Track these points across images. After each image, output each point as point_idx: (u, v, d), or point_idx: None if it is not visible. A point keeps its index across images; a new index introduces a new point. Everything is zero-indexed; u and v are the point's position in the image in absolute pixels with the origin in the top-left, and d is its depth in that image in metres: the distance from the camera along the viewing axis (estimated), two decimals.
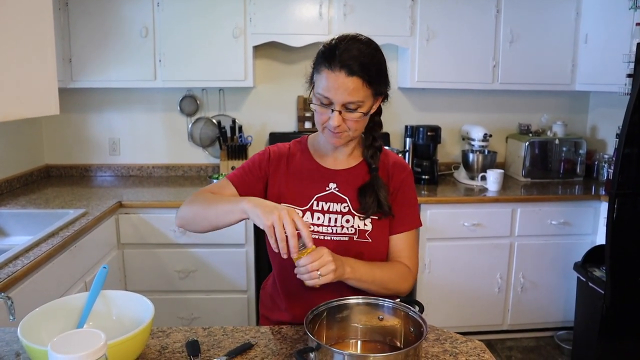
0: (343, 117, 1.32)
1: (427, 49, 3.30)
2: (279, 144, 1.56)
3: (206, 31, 3.14)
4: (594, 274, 2.78)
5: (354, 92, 1.29)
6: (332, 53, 1.30)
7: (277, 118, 3.67)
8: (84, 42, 3.11)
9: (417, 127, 3.49)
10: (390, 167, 1.50)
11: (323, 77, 1.31)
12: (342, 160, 1.49)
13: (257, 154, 1.55)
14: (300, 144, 1.55)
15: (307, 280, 1.22)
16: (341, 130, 1.35)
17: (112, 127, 3.61)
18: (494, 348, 3.25)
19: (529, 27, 3.35)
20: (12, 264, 1.89)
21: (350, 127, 1.35)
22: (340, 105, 1.31)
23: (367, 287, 1.36)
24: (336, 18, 3.18)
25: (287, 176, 1.48)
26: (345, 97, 1.29)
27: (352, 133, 1.37)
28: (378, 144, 1.47)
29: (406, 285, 1.44)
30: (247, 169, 1.51)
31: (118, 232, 2.92)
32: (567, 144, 3.56)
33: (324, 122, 1.36)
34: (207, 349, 1.25)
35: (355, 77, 1.28)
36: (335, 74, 1.28)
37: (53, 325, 1.19)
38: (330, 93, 1.30)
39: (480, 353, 1.25)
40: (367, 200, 1.41)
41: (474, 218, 3.12)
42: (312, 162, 1.50)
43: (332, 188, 1.46)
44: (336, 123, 1.32)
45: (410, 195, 1.50)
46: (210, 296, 3.03)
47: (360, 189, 1.44)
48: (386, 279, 1.39)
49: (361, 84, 1.29)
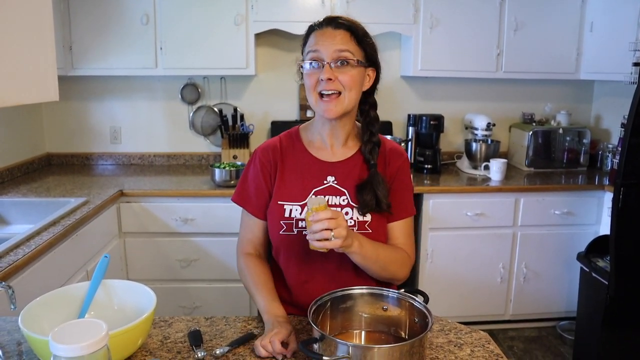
0: (334, 72, 1.31)
1: (431, 37, 3.27)
2: (268, 141, 1.51)
3: (207, 18, 3.11)
4: (597, 264, 2.77)
5: (343, 42, 1.32)
6: (319, 21, 1.38)
7: (279, 106, 3.65)
8: (85, 30, 3.08)
9: (420, 116, 3.47)
10: (387, 153, 1.47)
11: (311, 39, 1.36)
12: (337, 150, 1.46)
13: (250, 165, 1.50)
14: (291, 137, 1.50)
15: (317, 239, 1.17)
16: (334, 87, 1.32)
17: (114, 115, 3.59)
18: (496, 338, 3.25)
19: (534, 15, 3.31)
20: (13, 252, 1.88)
21: (344, 85, 1.32)
22: (330, 56, 1.31)
23: (369, 266, 1.35)
24: (339, 5, 3.14)
25: (283, 174, 1.45)
26: (334, 45, 1.31)
27: (346, 94, 1.34)
28: (376, 139, 1.44)
29: (404, 271, 1.44)
30: (254, 189, 1.47)
31: (119, 221, 2.91)
32: (570, 134, 3.53)
33: (314, 83, 1.34)
34: (209, 339, 1.24)
35: (341, 30, 1.34)
36: (323, 30, 1.35)
37: (54, 314, 1.19)
38: (318, 45, 1.33)
39: (485, 344, 1.24)
40: (365, 198, 1.38)
41: (477, 208, 3.10)
42: (308, 156, 1.46)
43: (330, 181, 1.43)
44: (327, 75, 1.30)
45: (407, 182, 1.49)
46: (212, 285, 3.02)
47: (359, 187, 1.41)
48: (387, 261, 1.38)
49: (349, 37, 1.34)
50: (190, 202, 2.91)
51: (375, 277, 1.41)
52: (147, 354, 1.17)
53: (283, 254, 1.45)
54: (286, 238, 1.41)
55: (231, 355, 1.17)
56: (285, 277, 1.47)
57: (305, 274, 1.42)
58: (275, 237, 1.43)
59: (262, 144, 1.52)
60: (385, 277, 1.41)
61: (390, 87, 3.61)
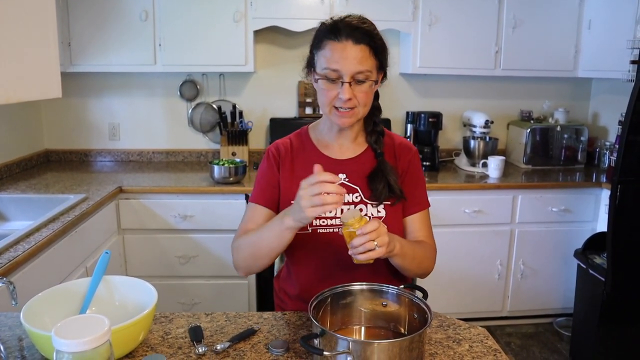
0: (352, 90, 1.29)
1: (430, 35, 3.27)
2: (278, 141, 1.51)
3: (206, 15, 3.11)
4: (594, 261, 2.79)
5: (363, 61, 1.28)
6: (335, 26, 1.30)
7: (278, 103, 3.65)
8: (84, 26, 3.07)
9: (419, 113, 3.47)
10: (396, 148, 1.48)
11: (327, 50, 1.30)
12: (347, 147, 1.46)
13: (263, 162, 1.50)
14: (301, 137, 1.50)
15: (361, 252, 1.14)
16: (352, 104, 1.31)
17: (112, 112, 3.59)
18: (494, 334, 3.27)
19: (532, 13, 3.32)
20: (13, 249, 1.89)
21: (360, 101, 1.32)
22: (349, 76, 1.28)
23: (407, 265, 1.35)
24: (338, 2, 3.14)
25: (294, 173, 1.45)
26: (354, 66, 1.28)
27: (361, 109, 1.34)
28: (379, 128, 1.46)
29: (433, 264, 1.47)
30: (265, 184, 1.47)
31: (118, 217, 2.91)
32: (568, 131, 3.54)
33: (331, 99, 1.32)
34: (210, 334, 1.25)
35: (362, 45, 1.28)
36: (342, 44, 1.28)
37: (56, 310, 1.19)
38: (339, 64, 1.28)
39: (484, 339, 1.25)
40: (378, 186, 1.39)
41: (475, 205, 3.11)
42: (318, 155, 1.46)
43: (341, 179, 1.42)
44: (347, 95, 1.28)
45: (419, 175, 1.50)
46: (211, 282, 3.03)
47: (370, 176, 1.41)
48: (422, 257, 1.40)
49: (368, 53, 1.29)
50: (189, 199, 2.92)
51: (408, 275, 1.43)
52: (149, 350, 1.17)
53: (297, 253, 1.44)
54: (301, 237, 1.38)
55: (232, 350, 1.18)
56: (298, 275, 1.47)
57: (322, 272, 1.42)
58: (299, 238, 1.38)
59: (273, 143, 1.51)
60: (418, 273, 1.43)
61: (389, 84, 3.54)
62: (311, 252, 1.42)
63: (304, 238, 1.40)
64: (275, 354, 1.16)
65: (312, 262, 1.43)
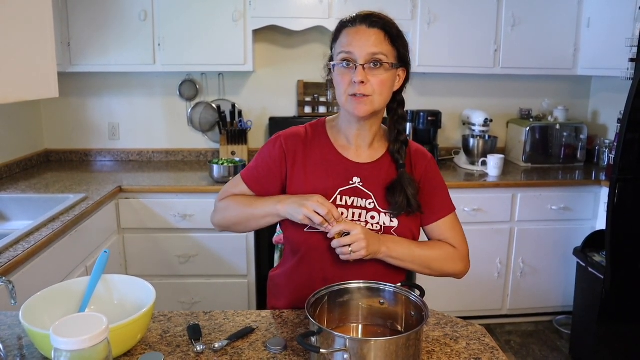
0: (367, 75, 1.29)
1: (429, 33, 3.27)
2: (292, 129, 1.45)
3: (206, 15, 3.11)
4: (593, 259, 2.79)
5: (377, 43, 1.30)
6: (351, 16, 1.35)
7: (277, 103, 3.65)
8: (83, 26, 3.08)
9: (418, 111, 3.48)
10: (412, 156, 1.45)
11: (343, 37, 1.33)
12: (364, 151, 1.42)
13: (270, 147, 1.44)
14: (317, 129, 1.45)
15: (340, 255, 1.29)
16: (365, 91, 1.29)
17: (112, 111, 3.59)
18: (493, 332, 3.27)
19: (531, 11, 3.32)
20: (12, 248, 1.89)
21: (375, 89, 1.30)
22: (363, 58, 1.29)
23: (407, 266, 1.39)
24: (337, 1, 3.14)
25: (306, 167, 1.40)
26: (368, 47, 1.29)
27: (376, 97, 1.31)
28: (403, 137, 1.42)
29: (455, 266, 1.46)
30: (262, 170, 1.44)
31: (118, 217, 2.91)
32: (568, 129, 3.54)
33: (346, 85, 1.31)
34: (208, 333, 1.25)
35: (376, 29, 1.31)
36: (357, 28, 1.31)
37: (55, 309, 1.20)
38: (352, 46, 1.30)
39: (481, 337, 1.25)
40: (397, 199, 1.35)
41: (475, 203, 3.12)
42: (334, 153, 1.42)
43: (356, 182, 1.39)
44: (360, 77, 1.28)
45: (437, 181, 1.47)
46: (211, 281, 3.03)
47: (389, 188, 1.38)
48: (427, 259, 1.40)
49: (383, 37, 1.31)
50: (188, 198, 2.92)
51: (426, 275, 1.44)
52: (147, 348, 1.18)
53: (305, 252, 1.41)
54: (310, 236, 1.37)
55: (230, 348, 1.18)
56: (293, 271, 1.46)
57: (330, 271, 1.39)
58: (298, 235, 1.38)
59: (286, 130, 1.45)
60: (433, 274, 1.43)
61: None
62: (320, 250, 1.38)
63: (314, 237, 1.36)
64: (273, 352, 1.17)
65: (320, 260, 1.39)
